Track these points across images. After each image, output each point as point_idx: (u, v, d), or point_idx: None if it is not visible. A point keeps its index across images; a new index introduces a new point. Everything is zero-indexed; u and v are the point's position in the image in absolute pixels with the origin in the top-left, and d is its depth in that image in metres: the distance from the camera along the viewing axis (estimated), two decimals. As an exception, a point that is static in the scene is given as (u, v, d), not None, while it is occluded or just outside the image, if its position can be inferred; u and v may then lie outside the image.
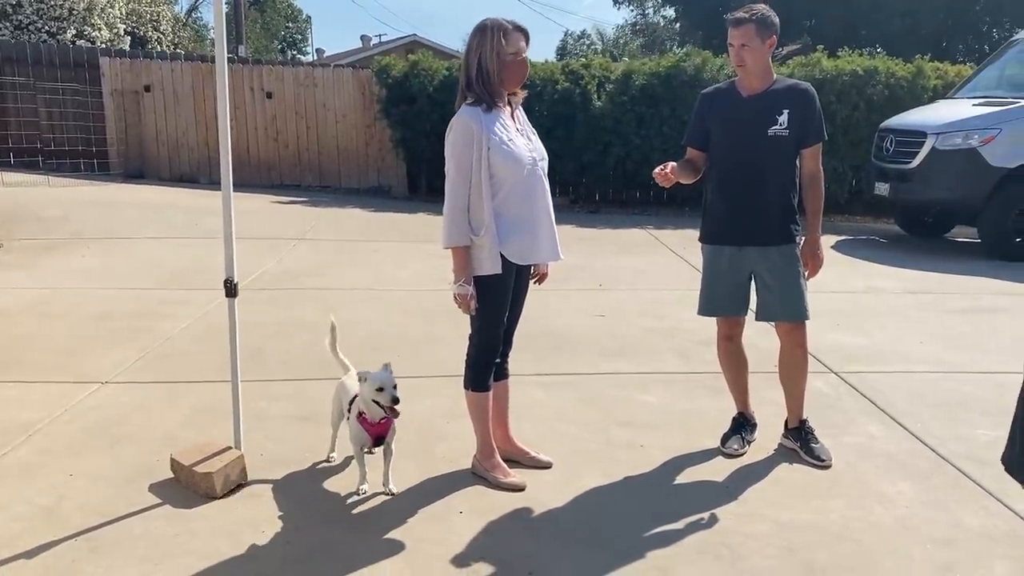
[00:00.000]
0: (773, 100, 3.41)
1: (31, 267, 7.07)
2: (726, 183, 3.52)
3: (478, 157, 3.00)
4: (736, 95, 3.50)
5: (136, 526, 2.90)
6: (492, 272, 3.07)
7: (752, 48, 3.36)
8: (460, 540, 2.87)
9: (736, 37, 3.36)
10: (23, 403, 4.01)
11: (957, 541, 2.93)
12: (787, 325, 3.55)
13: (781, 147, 3.41)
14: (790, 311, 3.51)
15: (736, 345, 3.75)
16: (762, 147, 3.41)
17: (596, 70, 12.11)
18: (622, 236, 9.97)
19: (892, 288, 7.17)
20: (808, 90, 3.45)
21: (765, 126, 3.38)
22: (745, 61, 3.39)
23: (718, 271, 3.61)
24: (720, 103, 3.55)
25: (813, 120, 3.41)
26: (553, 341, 5.24)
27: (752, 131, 3.41)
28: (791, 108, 3.38)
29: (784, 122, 3.37)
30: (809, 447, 3.58)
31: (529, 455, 3.47)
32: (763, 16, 3.35)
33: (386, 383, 3.03)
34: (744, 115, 3.44)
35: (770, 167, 3.43)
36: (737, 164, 3.48)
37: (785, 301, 3.49)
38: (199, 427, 3.75)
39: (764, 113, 3.40)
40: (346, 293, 6.50)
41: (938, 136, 8.91)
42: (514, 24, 3.06)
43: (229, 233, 3.21)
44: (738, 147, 3.47)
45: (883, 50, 18.72)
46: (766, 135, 3.38)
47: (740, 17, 3.35)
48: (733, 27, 3.36)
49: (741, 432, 3.74)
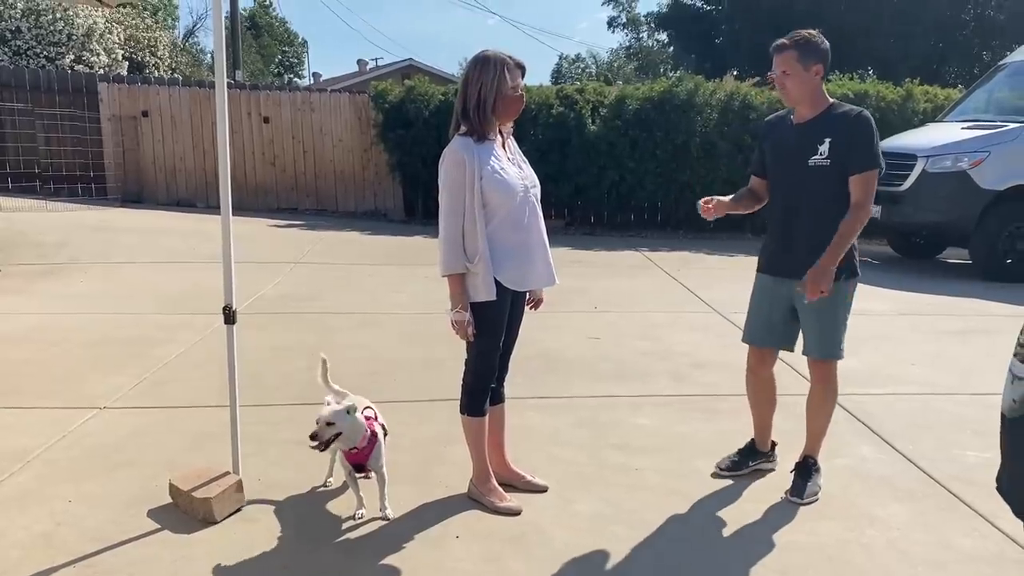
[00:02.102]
0: (818, 128, 3.29)
1: (29, 292, 7.11)
2: (771, 213, 3.49)
3: (471, 187, 3.06)
4: (788, 123, 3.43)
5: (135, 552, 2.93)
6: (487, 299, 3.12)
7: (794, 75, 3.25)
8: (456, 565, 2.90)
9: (777, 64, 3.27)
10: (21, 429, 4.03)
11: (948, 563, 2.97)
12: (814, 360, 3.46)
13: (823, 177, 3.27)
14: (819, 347, 3.41)
15: (759, 378, 3.68)
16: (803, 178, 3.31)
17: (590, 95, 12.26)
18: (617, 258, 10.04)
19: (885, 310, 7.23)
20: (858, 116, 3.26)
21: (807, 156, 3.29)
22: (787, 88, 3.29)
23: (756, 299, 3.60)
24: (775, 131, 3.50)
25: (858, 147, 3.22)
26: (548, 364, 5.29)
27: (795, 161, 3.33)
28: (834, 136, 3.24)
29: (825, 151, 3.24)
30: (800, 486, 3.46)
31: (524, 479, 3.51)
32: (806, 41, 3.24)
33: (319, 416, 3.09)
34: (789, 144, 3.37)
35: (810, 198, 3.31)
36: (780, 195, 3.44)
37: (817, 335, 3.40)
38: (198, 452, 3.77)
39: (807, 142, 3.30)
40: (343, 317, 6.54)
41: (928, 159, 9.03)
42: (515, 60, 3.13)
43: (228, 262, 3.25)
44: (781, 178, 3.43)
45: (876, 73, 18.99)
46: (807, 165, 3.29)
47: (781, 43, 3.26)
48: (775, 54, 3.27)
49: (744, 456, 3.74)
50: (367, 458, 3.17)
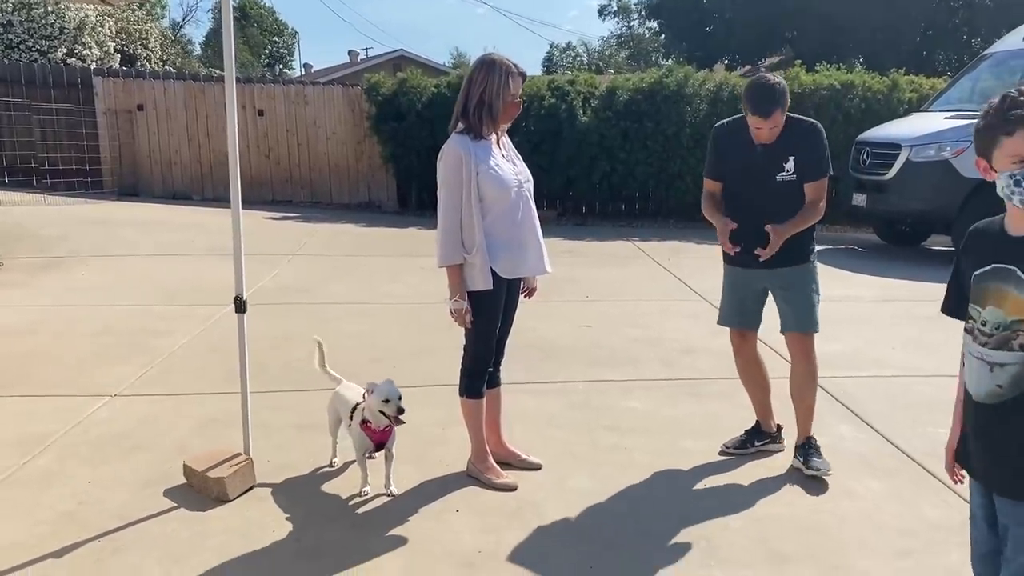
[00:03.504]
0: (781, 147, 3.54)
1: (31, 285, 7.25)
2: (734, 215, 3.65)
3: (468, 182, 3.24)
4: (748, 140, 3.59)
5: (154, 528, 3.11)
6: (484, 288, 3.31)
7: (780, 124, 3.49)
8: (457, 536, 3.10)
9: (767, 124, 3.45)
10: (37, 416, 4.20)
11: (917, 531, 3.18)
12: (794, 335, 3.71)
13: (790, 190, 3.56)
14: (796, 322, 3.68)
15: (744, 359, 3.92)
16: (772, 191, 3.56)
17: (581, 86, 12.41)
18: (608, 248, 10.23)
19: (869, 296, 7.44)
20: (811, 130, 3.57)
21: (774, 173, 3.55)
22: (774, 137, 3.52)
23: (727, 287, 3.86)
24: (735, 147, 3.66)
25: (816, 161, 3.54)
26: (542, 351, 5.47)
27: (763, 178, 3.57)
28: (797, 154, 3.52)
29: (791, 168, 3.53)
30: (810, 462, 3.65)
31: (520, 458, 3.70)
32: (781, 94, 3.43)
33: (391, 395, 3.28)
34: (757, 164, 3.58)
35: (781, 207, 3.54)
36: (749, 205, 3.62)
37: (793, 312, 3.67)
38: (207, 436, 3.95)
39: (772, 162, 3.55)
40: (341, 307, 6.71)
41: (912, 148, 9.23)
42: (518, 69, 3.33)
43: (239, 254, 3.41)
44: (750, 192, 3.63)
45: (864, 62, 19.15)
46: (775, 181, 3.55)
47: (767, 108, 3.41)
48: (763, 117, 3.43)
49: (749, 436, 3.94)
50: (388, 436, 3.36)
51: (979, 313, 1.95)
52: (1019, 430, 1.91)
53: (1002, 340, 1.89)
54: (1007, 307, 1.88)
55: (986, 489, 2.07)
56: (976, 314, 1.96)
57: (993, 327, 1.91)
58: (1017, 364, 1.88)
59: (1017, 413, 1.90)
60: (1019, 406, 1.89)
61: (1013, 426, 1.91)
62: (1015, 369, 1.88)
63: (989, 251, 1.95)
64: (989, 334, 1.92)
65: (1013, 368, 1.88)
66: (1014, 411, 1.90)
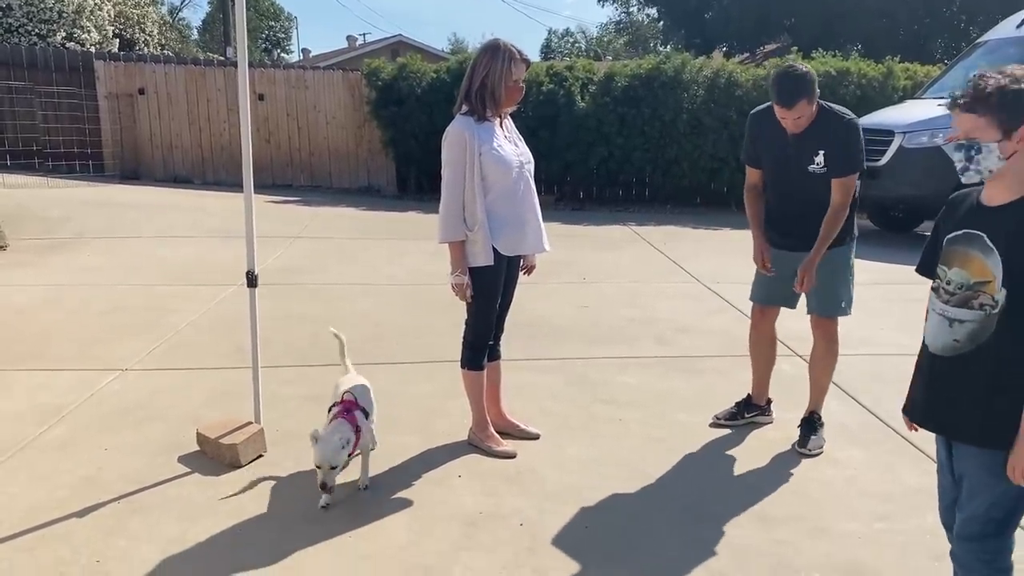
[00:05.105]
0: (813, 138, 3.52)
1: (39, 266, 7.38)
2: (775, 204, 3.78)
3: (471, 162, 3.37)
4: (781, 129, 3.57)
5: (170, 491, 3.26)
6: (485, 264, 3.45)
7: (807, 115, 3.47)
8: (459, 499, 3.26)
9: (791, 114, 3.44)
10: (52, 388, 4.35)
11: (896, 496, 3.35)
12: (816, 318, 3.81)
13: (821, 181, 3.56)
14: (819, 305, 3.76)
15: (759, 334, 4.05)
16: (802, 181, 3.59)
17: (579, 72, 12.51)
18: (604, 232, 10.37)
19: (861, 280, 7.51)
20: (843, 124, 3.52)
21: (805, 164, 3.56)
22: (802, 127, 3.51)
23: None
24: (768, 132, 3.66)
25: (842, 154, 3.50)
26: (541, 330, 5.62)
27: (794, 168, 3.59)
28: (827, 148, 3.50)
29: (821, 161, 3.53)
30: (805, 438, 3.78)
31: (519, 428, 3.86)
32: (808, 84, 3.40)
33: (323, 462, 3.04)
34: (788, 153, 3.60)
35: (815, 196, 3.58)
36: (784, 194, 3.73)
37: (817, 294, 3.71)
38: (218, 407, 4.09)
39: (804, 152, 3.55)
40: (343, 288, 6.85)
41: (905, 135, 9.36)
42: (522, 55, 3.44)
43: (250, 232, 3.54)
44: (783, 180, 3.72)
45: (862, 49, 19.22)
46: (806, 171, 3.56)
47: (790, 99, 3.39)
48: (787, 107, 3.41)
49: (740, 408, 4.09)
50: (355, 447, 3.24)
51: (945, 273, 2.13)
52: (972, 381, 2.08)
53: (964, 299, 2.07)
54: (971, 269, 2.05)
55: (944, 437, 2.24)
56: (943, 273, 2.14)
57: (957, 287, 2.10)
58: (975, 322, 2.06)
59: (972, 366, 2.08)
60: (974, 359, 2.07)
61: (967, 377, 2.09)
62: (973, 326, 2.06)
63: (962, 218, 2.12)
64: (952, 292, 2.11)
65: (971, 325, 2.06)
66: (969, 363, 2.08)
